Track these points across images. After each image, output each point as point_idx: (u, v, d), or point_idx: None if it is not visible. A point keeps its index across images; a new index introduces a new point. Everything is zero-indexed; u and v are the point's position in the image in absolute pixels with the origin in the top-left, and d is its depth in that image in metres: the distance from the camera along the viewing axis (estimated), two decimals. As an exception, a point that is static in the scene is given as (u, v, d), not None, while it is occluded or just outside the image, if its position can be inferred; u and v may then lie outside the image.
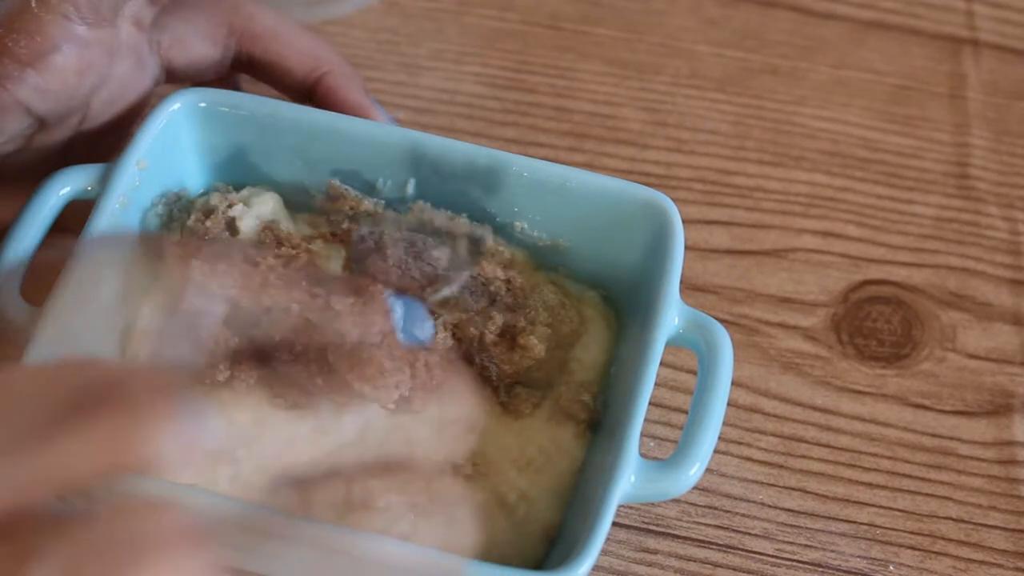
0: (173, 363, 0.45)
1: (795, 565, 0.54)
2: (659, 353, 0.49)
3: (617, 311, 0.54)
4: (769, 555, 0.54)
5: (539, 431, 0.51)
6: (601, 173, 0.53)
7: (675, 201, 0.52)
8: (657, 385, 0.49)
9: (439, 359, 0.49)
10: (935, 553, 0.55)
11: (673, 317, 0.50)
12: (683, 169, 0.65)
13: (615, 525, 0.51)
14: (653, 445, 0.56)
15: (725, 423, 0.49)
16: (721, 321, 0.51)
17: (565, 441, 0.51)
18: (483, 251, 0.52)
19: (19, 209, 0.50)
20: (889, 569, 0.54)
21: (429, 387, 0.48)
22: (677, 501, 0.55)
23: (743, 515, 0.55)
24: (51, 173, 0.51)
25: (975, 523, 0.56)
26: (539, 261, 0.55)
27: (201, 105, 0.54)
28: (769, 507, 0.55)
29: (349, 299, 0.47)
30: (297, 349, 0.47)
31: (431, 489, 0.47)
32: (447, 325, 0.51)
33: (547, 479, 0.50)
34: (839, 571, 0.54)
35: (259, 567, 0.46)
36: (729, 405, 0.49)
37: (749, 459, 0.57)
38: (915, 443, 0.58)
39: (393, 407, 0.48)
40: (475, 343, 0.51)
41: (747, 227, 0.64)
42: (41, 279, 0.48)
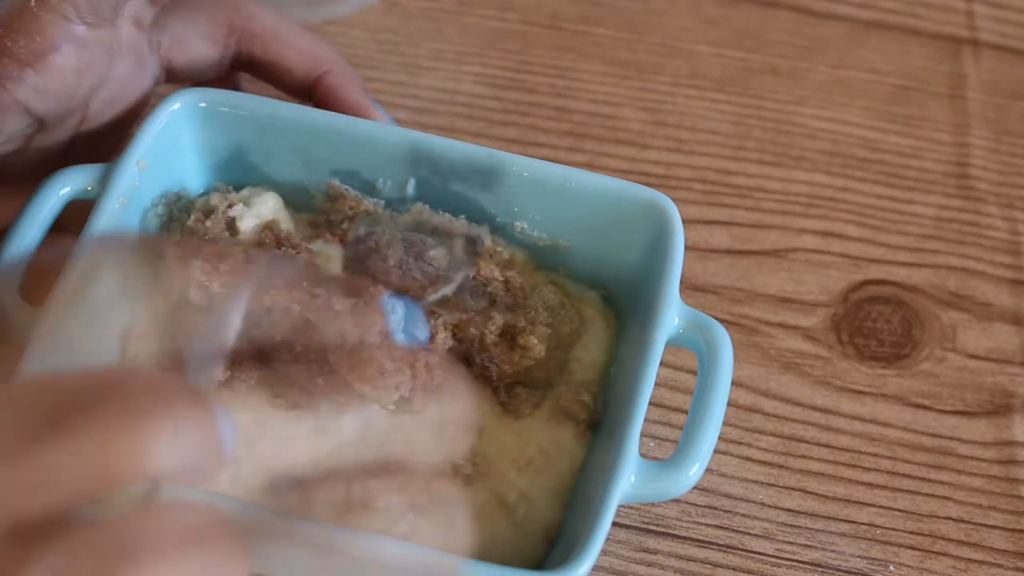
0: (183, 362, 0.44)
1: (795, 565, 0.54)
2: (659, 353, 0.49)
3: (617, 311, 0.54)
4: (769, 555, 0.54)
5: (539, 431, 0.51)
6: (601, 173, 0.53)
7: (675, 201, 0.52)
8: (657, 385, 0.49)
9: (439, 359, 0.49)
10: (935, 553, 0.55)
11: (673, 317, 0.50)
12: (683, 169, 0.65)
13: (615, 525, 0.51)
14: (653, 445, 0.56)
15: (725, 423, 0.49)
16: (721, 321, 0.51)
17: (565, 441, 0.51)
18: (480, 251, 0.52)
19: (19, 209, 0.50)
20: (889, 569, 0.54)
21: (429, 387, 0.48)
22: (677, 501, 0.55)
23: (743, 515, 0.55)
24: (51, 173, 0.51)
25: (975, 523, 0.55)
26: (539, 261, 0.55)
27: (201, 105, 0.54)
28: (769, 507, 0.55)
29: (349, 299, 0.47)
30: (297, 349, 0.47)
31: (431, 489, 0.47)
32: (447, 325, 0.51)
33: (547, 479, 0.50)
34: (839, 571, 0.54)
35: (259, 567, 0.46)
36: (729, 405, 0.49)
37: (749, 459, 0.57)
38: (915, 443, 0.58)
39: (393, 407, 0.48)
40: (475, 343, 0.51)
41: (747, 227, 0.64)
42: (41, 279, 0.48)
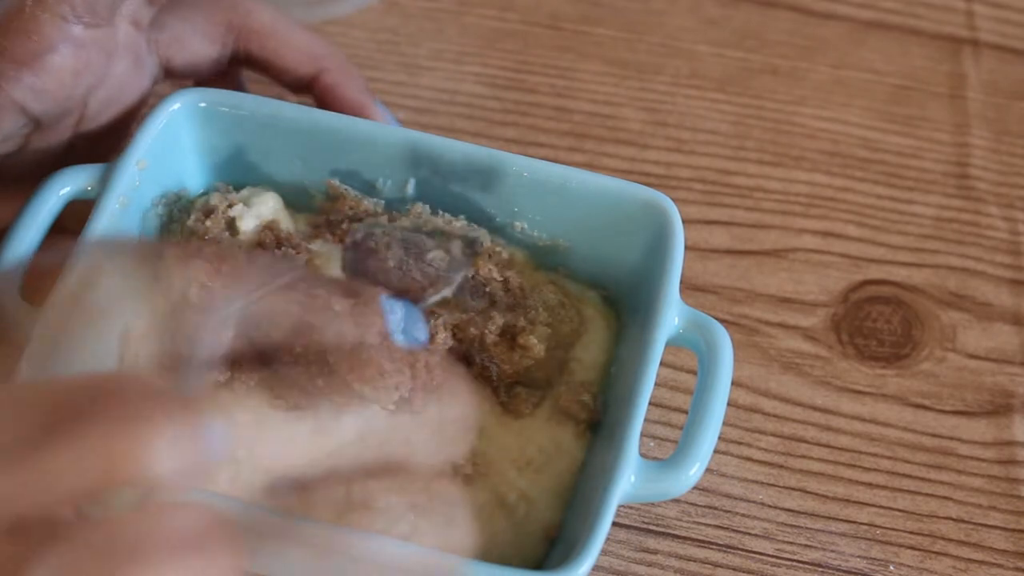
0: (180, 366, 0.44)
1: (795, 565, 0.54)
2: (659, 353, 0.49)
3: (617, 311, 0.54)
4: (769, 555, 0.54)
5: (539, 431, 0.51)
6: (601, 173, 0.53)
7: (675, 201, 0.52)
8: (657, 385, 0.49)
9: (439, 360, 0.49)
10: (935, 553, 0.55)
11: (673, 317, 0.50)
12: (683, 169, 0.65)
13: (615, 525, 0.51)
14: (653, 445, 0.56)
15: (725, 423, 0.49)
16: (721, 321, 0.51)
17: (565, 441, 0.51)
18: (479, 252, 0.52)
19: (19, 210, 0.50)
20: (889, 569, 0.54)
21: (429, 388, 0.48)
22: (677, 501, 0.55)
23: (743, 515, 0.55)
24: (50, 174, 0.51)
25: (975, 523, 0.55)
26: (539, 261, 0.55)
27: (201, 105, 0.53)
28: (769, 507, 0.55)
29: (349, 300, 0.47)
30: (297, 351, 0.47)
31: (431, 489, 0.47)
32: (447, 325, 0.51)
33: (547, 479, 0.50)
34: (839, 571, 0.54)
35: (259, 567, 0.46)
36: (729, 405, 0.49)
37: (749, 459, 0.57)
38: (915, 443, 0.58)
39: (393, 408, 0.48)
40: (475, 343, 0.51)
41: (747, 227, 0.64)
42: (41, 279, 0.48)
